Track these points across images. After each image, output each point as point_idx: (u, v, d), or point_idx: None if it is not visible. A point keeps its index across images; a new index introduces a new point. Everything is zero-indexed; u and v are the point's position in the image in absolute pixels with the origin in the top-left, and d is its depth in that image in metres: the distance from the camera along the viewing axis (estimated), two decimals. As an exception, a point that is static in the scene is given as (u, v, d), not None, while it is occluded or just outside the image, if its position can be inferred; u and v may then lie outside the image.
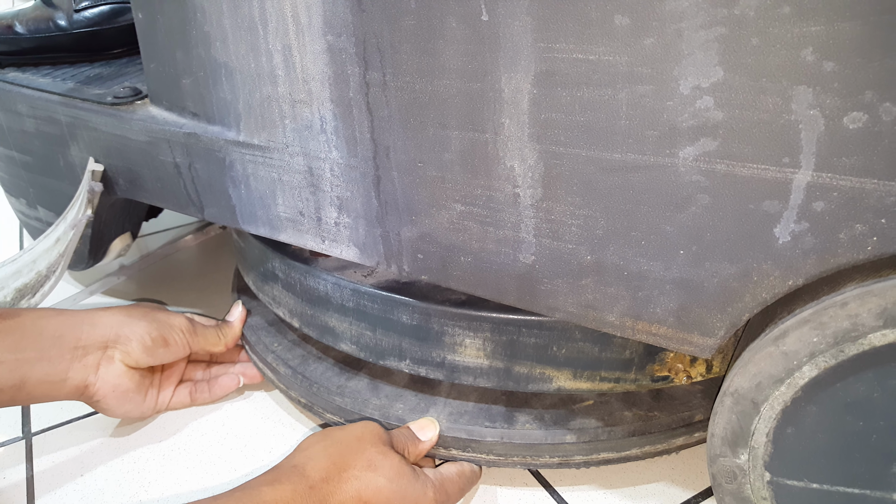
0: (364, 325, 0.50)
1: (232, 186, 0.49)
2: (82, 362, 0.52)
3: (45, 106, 0.60)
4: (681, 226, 0.33)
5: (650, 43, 0.29)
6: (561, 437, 0.48)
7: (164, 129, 0.51)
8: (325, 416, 0.54)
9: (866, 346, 0.29)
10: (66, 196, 0.65)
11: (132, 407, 0.55)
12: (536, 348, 0.45)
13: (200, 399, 0.61)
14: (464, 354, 0.47)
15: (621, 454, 0.49)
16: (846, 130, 0.27)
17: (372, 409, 0.52)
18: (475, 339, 0.46)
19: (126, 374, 0.53)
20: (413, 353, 0.49)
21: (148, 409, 0.57)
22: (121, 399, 0.54)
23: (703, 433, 0.50)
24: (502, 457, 0.49)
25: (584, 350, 0.45)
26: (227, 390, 0.61)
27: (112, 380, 0.53)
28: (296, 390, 0.56)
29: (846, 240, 0.29)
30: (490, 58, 0.33)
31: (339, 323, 0.51)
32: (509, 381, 0.47)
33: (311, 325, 0.54)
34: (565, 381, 0.46)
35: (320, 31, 0.38)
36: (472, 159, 0.37)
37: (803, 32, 0.26)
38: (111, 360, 0.53)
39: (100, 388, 0.52)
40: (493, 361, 0.47)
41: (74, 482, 0.53)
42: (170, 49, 0.48)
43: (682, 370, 0.47)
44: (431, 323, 0.47)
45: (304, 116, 0.42)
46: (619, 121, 0.32)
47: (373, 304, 0.49)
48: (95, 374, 0.52)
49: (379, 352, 0.50)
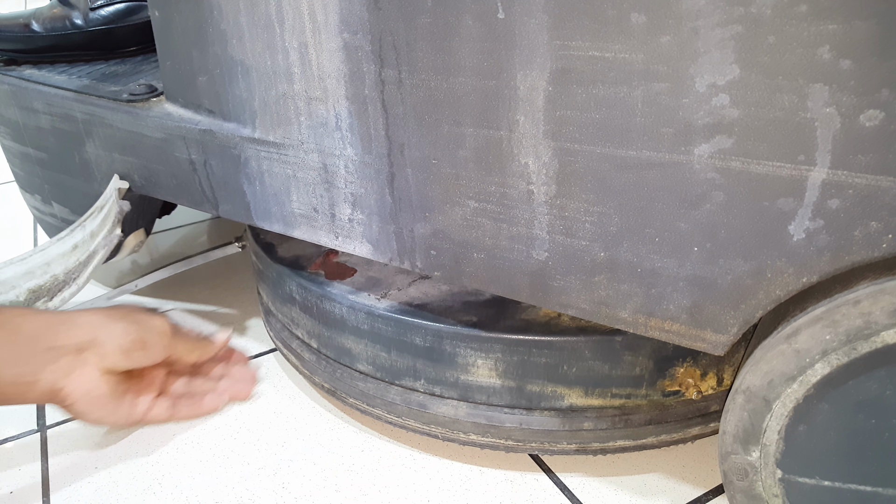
0: (379, 346, 0.51)
1: (247, 183, 0.49)
2: (55, 365, 0.49)
3: (60, 103, 0.61)
4: (695, 223, 0.33)
5: (666, 41, 0.30)
6: (578, 424, 0.48)
7: (180, 126, 0.51)
8: (347, 400, 0.55)
9: (879, 343, 0.29)
10: (81, 193, 0.66)
11: (105, 413, 0.52)
12: (547, 367, 0.46)
13: (181, 414, 0.57)
14: (476, 374, 0.48)
15: (637, 442, 0.49)
16: (862, 128, 0.27)
17: (394, 395, 0.52)
18: (487, 359, 0.47)
19: (100, 380, 0.51)
20: (427, 373, 0.50)
21: (122, 418, 0.54)
22: (93, 405, 0.51)
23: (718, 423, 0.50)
24: (520, 443, 0.50)
25: (595, 368, 0.46)
26: (210, 409, 0.58)
27: (84, 385, 0.50)
28: (320, 376, 0.57)
29: (861, 237, 0.29)
30: (506, 55, 0.34)
31: (355, 345, 0.53)
32: (522, 400, 0.48)
33: (329, 346, 0.55)
34: (577, 399, 0.47)
35: (336, 29, 0.38)
36: (487, 156, 0.37)
37: (820, 31, 0.26)
38: (85, 363, 0.50)
39: (71, 393, 0.50)
40: (505, 381, 0.48)
41: (89, 475, 0.54)
42: (186, 47, 0.48)
43: (693, 385, 0.47)
44: (444, 345, 0.48)
45: (320, 114, 0.42)
46: (635, 118, 0.32)
47: (386, 326, 0.50)
48: (67, 377, 0.50)
49: (395, 372, 0.52)
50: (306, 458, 0.55)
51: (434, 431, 0.52)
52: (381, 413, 0.53)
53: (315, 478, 0.53)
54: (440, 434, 0.51)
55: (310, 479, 0.52)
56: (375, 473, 0.53)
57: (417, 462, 0.54)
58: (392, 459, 0.54)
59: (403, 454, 0.55)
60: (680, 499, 0.50)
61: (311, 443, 0.56)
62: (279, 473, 0.53)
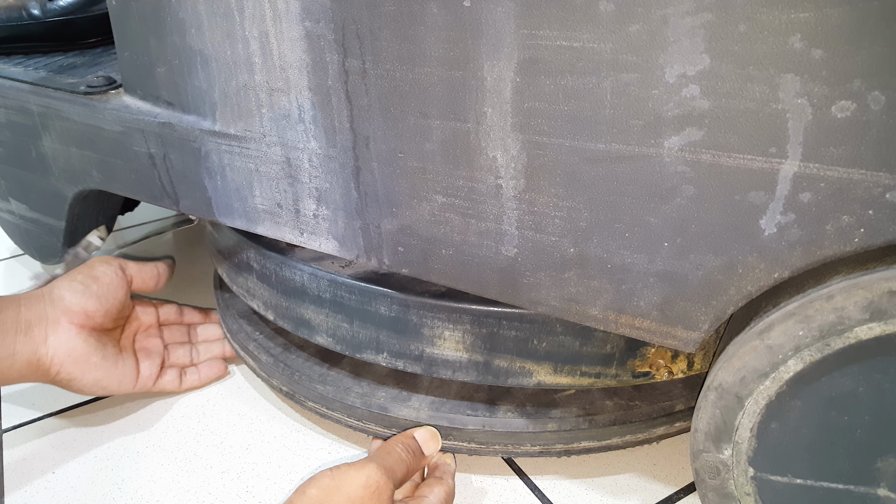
0: (341, 316, 0.49)
1: (208, 178, 0.48)
2: (28, 335, 0.50)
3: (15, 95, 0.59)
4: (665, 217, 0.32)
5: (635, 30, 0.29)
6: (542, 425, 0.48)
7: (138, 119, 0.49)
8: (306, 404, 0.54)
9: (852, 339, 0.29)
10: (38, 188, 0.63)
11: (102, 374, 0.52)
12: (517, 342, 0.45)
13: (189, 383, 0.60)
14: (443, 347, 0.47)
15: (602, 443, 0.48)
16: (834, 120, 0.27)
17: (354, 398, 0.51)
18: (455, 331, 0.46)
19: (79, 336, 0.51)
20: (391, 345, 0.48)
21: (126, 380, 0.54)
22: (81, 365, 0.51)
23: (684, 423, 0.50)
24: (483, 445, 0.49)
25: (565, 344, 0.44)
26: (216, 375, 0.62)
27: (64, 344, 0.50)
28: (277, 379, 0.55)
29: (833, 231, 0.28)
30: (472, 45, 0.33)
31: (315, 315, 0.50)
32: (489, 376, 0.47)
33: (287, 317, 0.53)
34: (545, 376, 0.46)
35: (298, 17, 0.37)
36: (454, 149, 0.36)
37: (791, 19, 0.26)
38: (57, 324, 0.51)
39: (54, 357, 0.50)
40: (472, 355, 0.46)
41: (45, 479, 0.52)
42: (143, 36, 0.46)
43: (664, 366, 0.46)
44: (410, 315, 0.46)
45: (282, 105, 0.41)
46: (604, 110, 0.31)
47: (350, 295, 0.48)
48: (45, 343, 0.50)
49: (356, 345, 0.49)
50: (271, 461, 0.53)
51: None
52: (341, 417, 0.52)
53: (280, 481, 0.51)
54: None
55: (274, 482, 0.51)
56: (343, 476, 0.51)
57: (387, 463, 0.53)
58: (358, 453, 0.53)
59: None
60: (651, 498, 0.50)
61: (276, 445, 0.55)
62: (243, 477, 0.51)
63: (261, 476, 0.52)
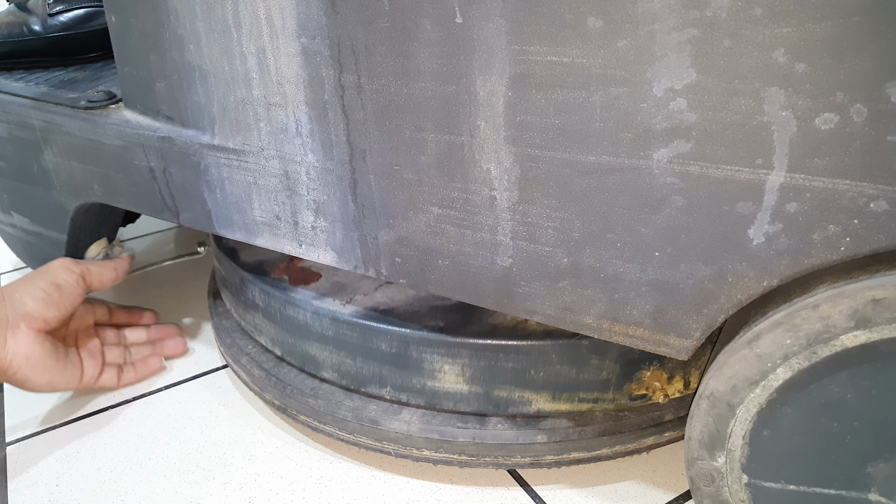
0: (344, 353, 0.50)
1: (207, 191, 0.48)
2: None
3: (17, 110, 0.59)
4: (656, 228, 0.32)
5: (623, 45, 0.29)
6: (532, 437, 0.48)
7: (139, 133, 0.50)
8: (298, 417, 0.54)
9: (838, 347, 0.29)
10: (41, 202, 0.64)
11: (54, 376, 0.55)
12: (514, 372, 0.46)
13: (127, 379, 0.63)
14: (443, 380, 0.48)
15: (592, 454, 0.49)
16: (818, 131, 0.27)
17: (345, 411, 0.51)
18: (454, 364, 0.47)
19: (36, 341, 0.53)
20: (393, 380, 0.49)
21: (73, 379, 0.57)
22: (37, 368, 0.53)
23: (673, 433, 0.50)
24: (474, 457, 0.49)
25: (562, 372, 0.45)
26: (152, 370, 0.65)
27: (23, 349, 0.52)
28: (269, 392, 0.56)
29: (819, 241, 0.29)
30: (465, 60, 0.33)
31: (319, 352, 0.52)
32: (490, 405, 0.48)
33: (293, 354, 0.54)
34: (545, 404, 0.47)
35: (294, 34, 0.38)
36: (449, 162, 0.37)
37: (775, 34, 0.26)
38: (17, 329, 0.53)
39: (13, 360, 0.52)
40: (472, 387, 0.47)
41: (49, 492, 0.52)
42: (143, 52, 0.47)
43: (660, 388, 0.47)
44: (410, 350, 0.47)
45: (279, 120, 0.41)
46: (594, 123, 0.32)
47: (351, 332, 0.49)
48: (4, 348, 0.52)
49: (360, 380, 0.51)
50: (273, 471, 0.54)
51: (387, 448, 0.51)
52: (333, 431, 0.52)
53: (282, 491, 0.51)
54: (393, 451, 0.51)
55: (277, 492, 0.51)
56: (344, 486, 0.52)
57: (387, 473, 0.53)
58: (361, 471, 0.53)
59: (373, 466, 0.54)
60: (650, 504, 0.50)
61: (278, 456, 0.55)
62: (245, 488, 0.52)
63: (263, 487, 0.52)
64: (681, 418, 0.50)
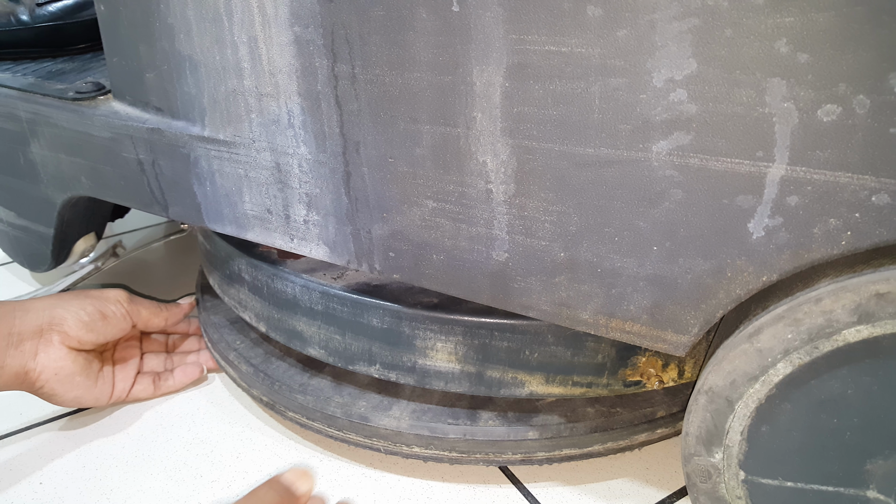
0: (333, 328, 0.49)
1: (197, 184, 0.48)
2: (19, 349, 0.50)
3: (4, 102, 0.58)
4: (654, 221, 0.32)
5: (623, 34, 0.29)
6: (523, 433, 0.47)
7: (127, 125, 0.49)
8: (287, 414, 0.53)
9: (841, 342, 0.29)
10: (27, 195, 0.63)
11: (82, 392, 0.54)
12: (509, 352, 0.45)
13: (164, 388, 0.60)
14: (435, 359, 0.47)
15: (583, 450, 0.48)
16: (820, 123, 0.27)
17: (335, 407, 0.51)
18: (447, 342, 0.46)
19: (68, 357, 0.52)
20: (383, 357, 0.48)
21: (103, 396, 0.56)
22: (65, 384, 0.52)
23: (665, 430, 0.50)
24: (465, 454, 0.49)
25: (557, 354, 0.44)
26: (191, 378, 0.61)
27: (53, 363, 0.51)
28: (258, 388, 0.55)
29: (820, 234, 0.29)
30: (461, 50, 0.33)
31: (307, 327, 0.50)
32: (481, 387, 0.47)
33: (278, 329, 0.53)
34: (538, 386, 0.46)
35: (287, 22, 0.37)
36: (444, 154, 0.36)
37: (777, 23, 0.26)
38: (49, 343, 0.51)
39: (41, 374, 0.51)
40: (464, 366, 0.46)
41: (32, 489, 0.51)
42: (133, 42, 0.46)
43: (655, 375, 0.46)
44: (402, 326, 0.46)
45: (271, 110, 0.41)
46: (592, 114, 0.31)
47: (342, 306, 0.47)
48: (34, 359, 0.51)
49: (348, 356, 0.49)
50: (262, 469, 0.53)
51: (376, 445, 0.50)
52: (322, 427, 0.52)
53: (271, 489, 0.51)
54: (382, 447, 0.50)
55: (266, 490, 0.51)
56: (334, 484, 0.51)
57: (377, 471, 0.52)
58: (350, 469, 0.53)
59: (364, 463, 0.53)
60: (644, 502, 0.50)
61: (266, 454, 0.54)
62: (233, 486, 0.51)
63: (251, 485, 0.51)
64: (673, 415, 0.50)
